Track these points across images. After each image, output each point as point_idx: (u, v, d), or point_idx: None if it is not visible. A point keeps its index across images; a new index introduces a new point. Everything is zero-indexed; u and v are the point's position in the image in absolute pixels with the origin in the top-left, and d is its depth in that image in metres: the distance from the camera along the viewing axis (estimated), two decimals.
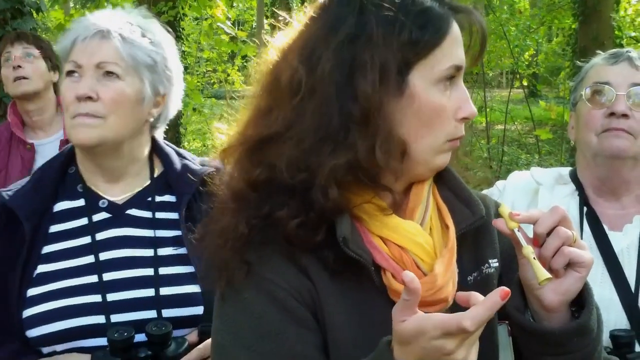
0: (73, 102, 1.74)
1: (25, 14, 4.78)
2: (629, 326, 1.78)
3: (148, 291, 1.73)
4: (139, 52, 1.78)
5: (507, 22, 12.70)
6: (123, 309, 1.71)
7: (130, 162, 1.86)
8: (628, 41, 11.74)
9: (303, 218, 1.15)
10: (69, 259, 1.75)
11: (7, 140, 3.26)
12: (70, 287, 1.72)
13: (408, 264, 1.19)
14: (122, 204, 1.84)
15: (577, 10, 12.13)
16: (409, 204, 1.26)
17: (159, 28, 1.89)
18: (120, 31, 1.77)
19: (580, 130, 1.97)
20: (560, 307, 1.19)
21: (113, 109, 1.74)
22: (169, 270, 1.76)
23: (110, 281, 1.73)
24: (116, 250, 1.78)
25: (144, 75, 1.79)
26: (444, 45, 1.19)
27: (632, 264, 1.86)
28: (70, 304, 1.69)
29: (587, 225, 1.92)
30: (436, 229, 1.26)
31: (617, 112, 1.86)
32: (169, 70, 1.86)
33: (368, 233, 1.22)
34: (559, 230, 1.15)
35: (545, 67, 18.41)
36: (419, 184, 1.28)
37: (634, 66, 1.93)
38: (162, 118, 1.93)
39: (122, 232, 1.80)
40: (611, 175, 1.93)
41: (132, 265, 1.76)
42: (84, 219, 1.80)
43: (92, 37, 1.76)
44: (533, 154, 11.21)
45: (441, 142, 1.23)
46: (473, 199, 1.30)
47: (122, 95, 1.75)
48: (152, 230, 1.81)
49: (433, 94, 1.19)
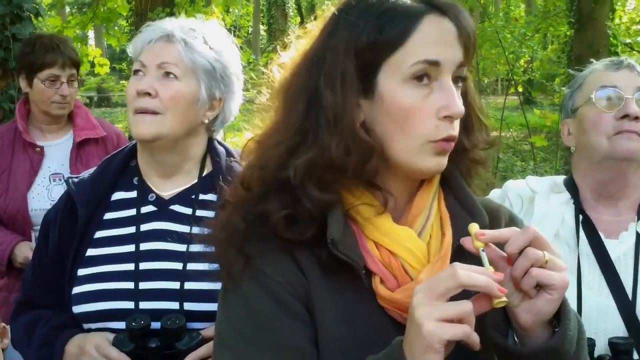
0: (134, 98, 1.88)
1: (25, 19, 4.77)
2: (626, 333, 1.79)
3: (175, 284, 1.82)
4: (198, 56, 1.90)
5: (502, 29, 12.74)
6: (151, 298, 1.81)
7: (183, 160, 1.97)
8: (623, 49, 11.79)
9: (291, 211, 1.20)
10: (114, 246, 1.89)
11: (10, 141, 3.24)
12: (110, 272, 1.86)
13: (396, 269, 1.22)
14: (169, 199, 1.95)
15: (572, 18, 12.20)
16: (411, 211, 1.28)
17: (224, 38, 2.00)
18: (183, 36, 1.90)
19: (586, 134, 1.97)
20: (535, 327, 1.16)
21: (169, 106, 1.87)
22: (196, 266, 1.82)
23: (145, 270, 1.85)
24: (155, 242, 1.89)
25: (201, 79, 1.91)
26: (409, 43, 1.19)
27: (628, 271, 1.87)
28: (107, 287, 1.84)
29: (583, 233, 1.93)
30: (435, 237, 1.27)
31: (631, 114, 1.88)
32: (227, 77, 1.97)
33: (363, 236, 1.24)
34: (527, 252, 1.13)
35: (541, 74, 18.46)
36: (424, 190, 1.29)
37: (635, 72, 1.96)
38: (219, 121, 2.03)
39: (163, 225, 1.91)
40: (615, 178, 1.95)
41: (166, 257, 1.86)
42: (133, 210, 1.93)
43: (158, 39, 1.91)
44: (528, 161, 11.23)
45: (419, 144, 1.21)
46: (477, 209, 1.30)
47: (178, 93, 1.88)
48: (189, 227, 1.88)
49: (403, 93, 1.20)
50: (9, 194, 3.14)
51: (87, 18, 7.83)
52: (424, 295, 1.07)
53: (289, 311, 1.21)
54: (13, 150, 3.23)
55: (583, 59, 6.71)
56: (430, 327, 1.04)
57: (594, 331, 1.79)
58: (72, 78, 3.26)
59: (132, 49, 1.98)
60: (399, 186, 1.28)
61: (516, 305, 1.16)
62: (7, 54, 4.65)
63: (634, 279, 1.85)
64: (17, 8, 4.70)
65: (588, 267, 1.89)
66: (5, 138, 3.26)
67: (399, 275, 1.22)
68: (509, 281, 1.16)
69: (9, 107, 4.63)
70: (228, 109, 2.02)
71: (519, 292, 1.15)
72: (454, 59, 1.22)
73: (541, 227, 1.89)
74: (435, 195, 1.31)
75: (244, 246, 1.24)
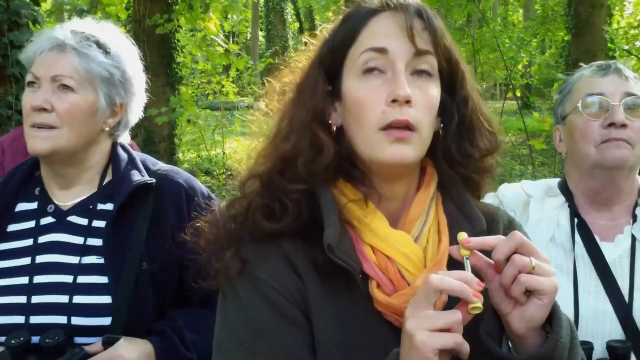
0: (30, 112, 1.83)
1: (22, 25, 4.77)
2: (623, 336, 1.79)
3: (63, 297, 1.78)
4: (94, 65, 1.86)
5: (500, 34, 12.77)
6: (42, 312, 1.77)
7: (82, 170, 1.93)
8: (621, 53, 11.81)
9: (267, 202, 1.27)
10: (11, 259, 1.84)
11: (24, 146, 3.22)
12: (3, 287, 1.81)
13: (392, 274, 1.23)
14: (67, 210, 1.90)
15: (569, 23, 12.22)
16: (408, 215, 1.29)
17: (119, 40, 1.96)
18: (76, 45, 1.85)
19: (575, 143, 1.97)
20: (527, 333, 1.16)
21: (67, 120, 1.83)
22: (86, 279, 1.81)
23: (38, 284, 1.80)
24: (50, 254, 1.84)
25: (99, 88, 1.88)
26: (359, 39, 1.27)
27: (624, 274, 1.86)
28: None
29: (578, 237, 1.93)
30: (432, 242, 1.27)
31: (617, 122, 1.86)
32: (126, 80, 1.93)
33: (360, 241, 1.25)
34: (514, 258, 1.13)
35: (539, 79, 18.50)
36: (421, 195, 1.31)
37: (623, 77, 1.93)
38: (122, 126, 1.99)
39: (59, 237, 1.86)
40: (607, 185, 1.94)
41: (58, 270, 1.82)
42: (33, 222, 1.89)
43: (50, 50, 1.85)
44: (527, 165, 11.24)
45: (371, 133, 1.23)
46: (475, 214, 1.31)
47: (75, 107, 1.83)
48: (83, 238, 1.85)
49: (357, 86, 1.26)
50: None
51: None
52: (412, 307, 1.10)
53: (286, 317, 1.22)
54: (27, 154, 3.20)
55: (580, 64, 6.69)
56: (421, 337, 1.06)
57: (591, 335, 1.79)
58: None
59: (24, 57, 1.92)
60: (390, 189, 1.29)
61: (508, 312, 1.16)
62: (4, 60, 4.66)
63: (630, 282, 1.84)
64: (14, 15, 4.71)
65: (584, 271, 1.88)
66: (20, 141, 3.21)
67: (396, 280, 1.22)
68: (499, 288, 1.16)
69: (6, 114, 4.64)
70: (130, 112, 1.99)
71: (510, 299, 1.16)
72: (406, 49, 1.24)
73: (536, 231, 1.90)
74: (432, 200, 1.31)
75: (240, 249, 1.25)
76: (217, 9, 13.11)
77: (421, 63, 1.25)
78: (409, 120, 1.21)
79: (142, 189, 1.86)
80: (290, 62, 1.40)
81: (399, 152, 1.22)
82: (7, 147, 3.20)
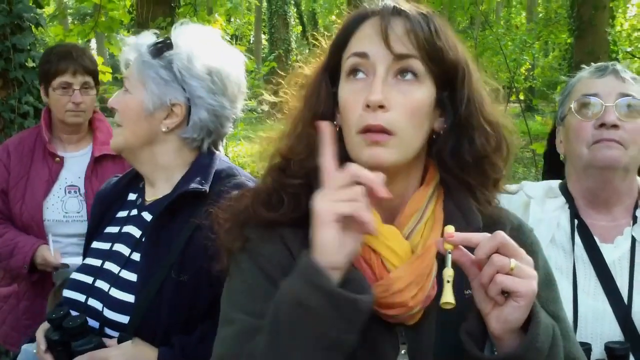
0: None
1: (25, 29, 4.76)
2: (622, 337, 1.79)
3: (105, 286, 1.88)
4: (146, 67, 1.91)
5: (503, 36, 12.77)
6: (95, 296, 1.88)
7: (154, 170, 1.99)
8: (624, 56, 11.80)
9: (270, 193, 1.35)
10: (103, 242, 1.99)
11: (30, 148, 3.23)
12: (85, 265, 1.98)
13: (375, 265, 1.25)
14: (147, 205, 1.99)
15: (572, 25, 12.23)
16: (404, 212, 1.31)
17: (185, 40, 1.94)
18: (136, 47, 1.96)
19: (570, 143, 1.98)
20: (504, 334, 1.16)
21: (122, 119, 1.96)
22: (126, 275, 1.86)
23: (104, 269, 1.92)
24: (120, 244, 1.95)
25: (150, 88, 1.90)
26: (350, 44, 1.32)
27: (624, 275, 1.87)
28: (75, 278, 1.96)
29: (578, 238, 1.93)
30: (424, 238, 1.29)
31: (607, 122, 1.87)
32: (184, 82, 1.90)
33: None
34: (493, 258, 1.13)
35: (542, 81, 18.48)
36: (419, 193, 1.33)
37: (620, 78, 1.94)
38: (190, 129, 1.93)
39: (131, 229, 1.96)
40: (602, 186, 1.94)
41: (116, 260, 1.92)
42: (126, 212, 2.03)
43: None
44: (530, 167, 11.23)
45: (353, 135, 1.27)
46: (472, 212, 1.33)
47: (125, 106, 1.94)
48: (141, 233, 1.92)
49: (345, 89, 1.31)
50: (25, 201, 3.14)
51: (88, 27, 7.86)
52: (324, 188, 1.16)
53: (278, 287, 1.24)
54: (32, 157, 3.22)
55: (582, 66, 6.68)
56: (322, 205, 1.13)
57: (590, 336, 1.79)
58: (86, 86, 3.22)
59: None
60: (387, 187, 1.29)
61: (487, 312, 1.16)
62: (7, 64, 4.64)
63: (630, 284, 1.84)
64: (17, 18, 4.70)
65: (584, 272, 1.89)
66: (25, 144, 3.25)
67: (378, 272, 1.25)
68: (480, 288, 1.16)
69: (9, 117, 4.63)
70: (196, 114, 1.92)
71: (490, 299, 1.15)
72: (385, 54, 1.26)
73: (536, 232, 1.89)
74: (431, 198, 1.33)
75: (244, 230, 1.35)
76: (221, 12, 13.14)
77: (403, 66, 1.26)
78: (382, 125, 1.23)
79: (191, 196, 1.84)
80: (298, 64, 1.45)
81: (375, 155, 1.24)
82: (13, 149, 3.25)
